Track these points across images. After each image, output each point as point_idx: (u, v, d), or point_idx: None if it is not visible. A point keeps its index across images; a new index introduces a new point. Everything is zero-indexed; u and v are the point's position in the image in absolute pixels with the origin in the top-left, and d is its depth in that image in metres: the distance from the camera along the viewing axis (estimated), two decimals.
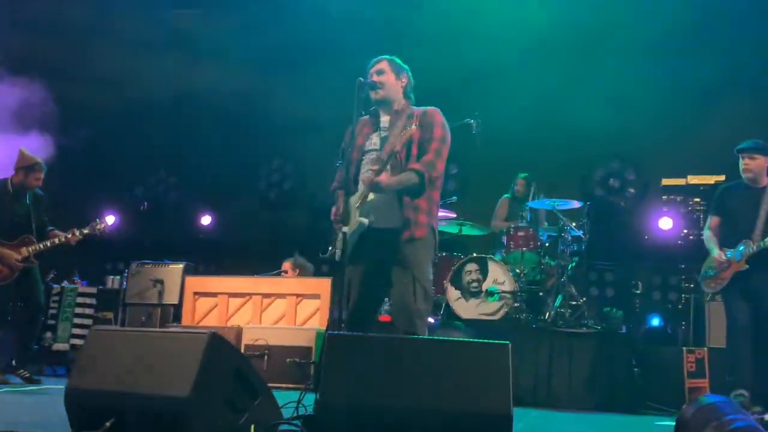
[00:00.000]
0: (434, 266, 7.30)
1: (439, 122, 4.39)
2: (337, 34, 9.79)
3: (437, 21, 9.94)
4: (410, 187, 4.25)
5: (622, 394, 6.33)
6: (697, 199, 8.78)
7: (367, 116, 4.53)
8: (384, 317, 7.02)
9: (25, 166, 6.70)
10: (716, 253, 5.71)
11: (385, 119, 4.49)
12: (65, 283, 8.48)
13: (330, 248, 4.40)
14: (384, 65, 4.49)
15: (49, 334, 8.06)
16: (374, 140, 4.43)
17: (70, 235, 6.75)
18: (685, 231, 8.84)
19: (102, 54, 9.73)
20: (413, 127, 4.21)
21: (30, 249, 6.59)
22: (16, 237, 6.62)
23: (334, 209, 4.44)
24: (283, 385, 6.05)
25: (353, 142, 4.44)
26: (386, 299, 6.50)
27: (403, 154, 4.30)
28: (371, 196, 4.18)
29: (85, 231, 6.80)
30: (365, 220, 4.15)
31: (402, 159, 4.29)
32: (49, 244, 6.68)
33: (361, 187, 4.27)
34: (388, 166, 4.23)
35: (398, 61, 4.55)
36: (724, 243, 5.75)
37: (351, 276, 4.30)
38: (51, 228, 6.90)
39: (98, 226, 6.88)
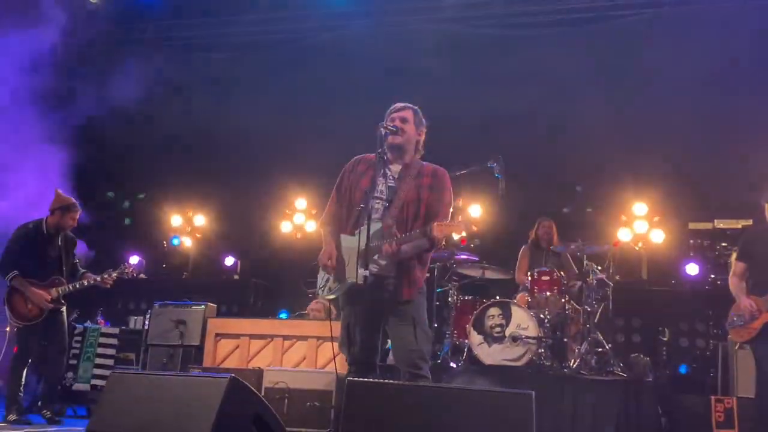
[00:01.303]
0: (456, 310, 7.36)
1: (449, 187, 4.52)
2: (361, 77, 9.87)
3: (460, 65, 10.00)
4: (421, 252, 4.39)
5: None
6: (725, 244, 8.67)
7: (374, 156, 4.46)
8: None
9: (62, 207, 6.81)
10: (746, 301, 5.59)
11: (395, 168, 4.51)
12: (88, 323, 8.50)
13: (319, 287, 4.47)
14: (409, 114, 4.55)
15: (70, 374, 8.05)
16: (380, 187, 4.43)
17: (106, 276, 6.82)
18: (713, 276, 8.71)
19: (131, 94, 9.87)
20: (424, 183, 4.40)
21: (60, 290, 6.68)
22: (47, 278, 6.70)
23: (326, 254, 4.42)
24: (303, 430, 5.98)
25: (358, 182, 4.48)
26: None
27: (411, 212, 4.37)
28: (376, 255, 4.21)
29: (114, 274, 6.90)
30: (367, 273, 4.12)
31: (408, 217, 4.35)
32: (78, 285, 6.77)
33: (363, 233, 4.20)
34: (392, 220, 4.29)
35: (420, 114, 4.60)
36: (753, 290, 5.63)
37: (350, 319, 4.37)
38: (84, 270, 7.03)
39: (127, 269, 7.01)
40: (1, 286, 6.78)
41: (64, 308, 6.80)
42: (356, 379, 3.37)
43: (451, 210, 4.46)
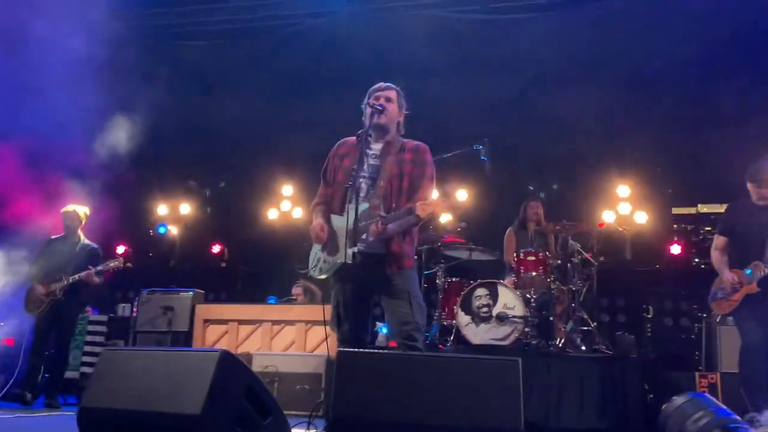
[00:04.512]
0: (444, 292, 7.42)
1: (430, 161, 4.57)
2: (347, 65, 9.88)
3: (446, 51, 10.04)
4: (408, 228, 4.42)
5: (634, 419, 6.25)
6: (708, 228, 8.76)
7: (354, 138, 4.60)
8: (393, 343, 7.01)
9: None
10: (728, 274, 5.68)
11: (376, 147, 4.56)
12: None
13: (311, 267, 4.53)
14: (393, 94, 4.62)
15: None
16: (363, 166, 4.46)
17: (89, 271, 7.24)
18: (697, 260, 8.81)
19: (115, 86, 9.83)
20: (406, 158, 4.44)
21: (56, 285, 7.21)
22: (53, 277, 7.28)
23: (317, 225, 4.47)
24: (293, 412, 6.01)
25: (341, 164, 4.55)
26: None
27: (394, 187, 4.42)
28: (364, 234, 4.24)
29: (99, 268, 7.32)
30: (356, 249, 4.14)
31: (391, 191, 4.41)
32: (71, 280, 7.22)
33: (351, 213, 4.23)
34: (379, 200, 4.33)
35: (403, 95, 4.68)
36: (734, 264, 5.71)
37: (339, 297, 4.43)
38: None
39: (112, 264, 7.39)
40: None
41: (65, 302, 7.22)
42: (346, 349, 3.41)
43: (433, 184, 4.51)
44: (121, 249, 10.37)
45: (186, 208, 11.65)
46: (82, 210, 7.59)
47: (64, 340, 7.34)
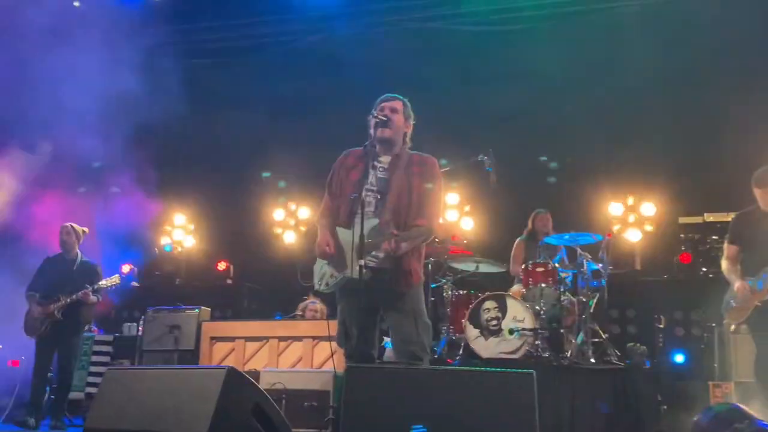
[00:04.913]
0: (452, 305, 7.34)
1: (439, 174, 4.54)
2: (349, 81, 9.86)
3: (449, 64, 10.04)
4: (419, 243, 4.40)
5: (647, 430, 6.16)
6: (715, 237, 8.68)
7: (362, 149, 4.53)
8: None
9: None
10: (738, 283, 5.59)
11: (384, 159, 4.51)
12: None
13: (317, 281, 4.47)
14: (399, 105, 4.57)
15: None
16: (371, 179, 4.43)
17: (86, 291, 7.14)
18: (704, 269, 8.73)
19: (117, 103, 9.81)
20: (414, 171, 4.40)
21: (54, 306, 7.09)
22: (51, 297, 7.17)
23: (323, 241, 4.41)
24: (302, 430, 5.93)
25: (348, 176, 4.49)
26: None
27: (403, 201, 4.37)
28: (374, 251, 4.21)
29: (94, 287, 7.24)
30: (362, 262, 4.11)
31: (400, 206, 4.37)
32: (69, 300, 7.10)
33: (357, 226, 4.20)
34: (390, 215, 4.29)
35: (409, 107, 4.61)
36: (746, 272, 5.62)
37: (346, 313, 4.37)
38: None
39: (108, 282, 7.31)
40: None
41: (64, 323, 7.11)
42: (356, 364, 3.34)
43: (442, 198, 4.49)
44: (126, 268, 10.30)
45: (192, 227, 11.61)
46: (80, 227, 7.51)
47: (66, 361, 7.22)
